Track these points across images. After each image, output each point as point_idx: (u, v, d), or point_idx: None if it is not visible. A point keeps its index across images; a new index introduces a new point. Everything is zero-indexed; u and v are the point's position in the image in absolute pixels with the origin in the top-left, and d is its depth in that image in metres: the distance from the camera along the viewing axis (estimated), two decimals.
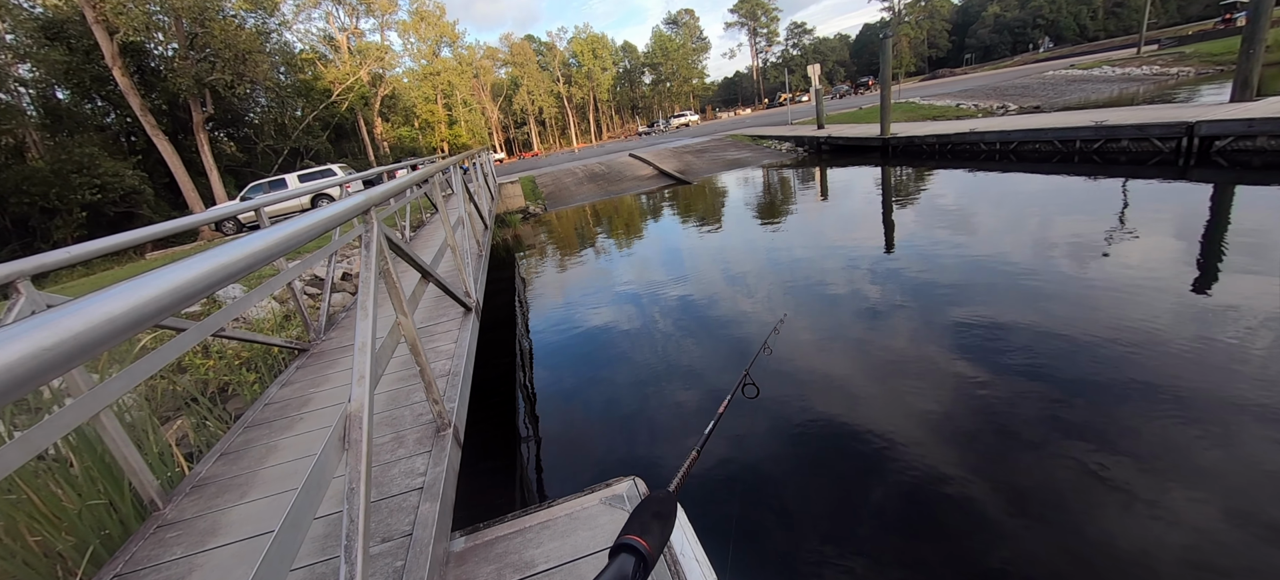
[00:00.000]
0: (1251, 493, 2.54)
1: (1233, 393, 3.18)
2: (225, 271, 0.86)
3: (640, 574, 0.41)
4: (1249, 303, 4.12)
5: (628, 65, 74.81)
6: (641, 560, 0.42)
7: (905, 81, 54.38)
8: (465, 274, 3.73)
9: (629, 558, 0.42)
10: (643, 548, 0.42)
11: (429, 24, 48.01)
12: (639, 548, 0.42)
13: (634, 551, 0.42)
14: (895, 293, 5.63)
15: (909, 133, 14.01)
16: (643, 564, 0.42)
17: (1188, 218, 6.38)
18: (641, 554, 0.42)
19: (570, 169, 21.90)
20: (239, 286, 5.95)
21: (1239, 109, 8.39)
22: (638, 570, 0.41)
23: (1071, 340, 4.05)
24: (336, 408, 2.74)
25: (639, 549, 0.42)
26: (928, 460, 3.11)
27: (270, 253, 1.06)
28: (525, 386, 5.38)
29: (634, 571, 0.41)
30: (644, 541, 0.43)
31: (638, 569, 0.41)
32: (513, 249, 12.35)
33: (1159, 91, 19.53)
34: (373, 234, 1.77)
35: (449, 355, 3.03)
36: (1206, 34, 33.22)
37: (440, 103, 49.40)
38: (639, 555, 0.42)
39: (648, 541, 0.43)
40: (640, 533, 0.44)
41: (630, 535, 0.44)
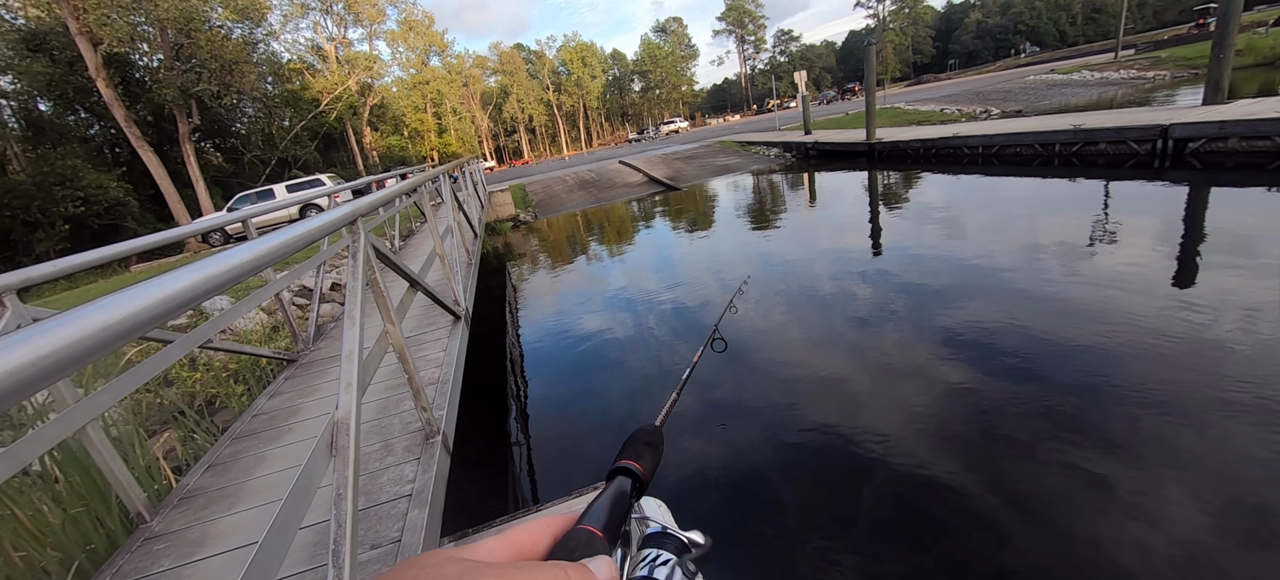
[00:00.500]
0: (1235, 483, 2.61)
1: (1215, 387, 3.26)
2: (211, 283, 0.89)
3: (636, 494, 0.43)
4: (1227, 300, 4.23)
5: (617, 73, 75.22)
6: (638, 481, 0.43)
7: (891, 87, 55.12)
8: (454, 282, 3.75)
9: (625, 479, 0.43)
10: (638, 470, 0.44)
11: (418, 33, 47.96)
12: (634, 470, 0.44)
13: (630, 474, 0.44)
14: (884, 294, 5.71)
15: (894, 137, 14.21)
16: (638, 484, 0.43)
17: (1165, 218, 6.54)
18: (637, 476, 0.44)
19: (561, 177, 21.94)
20: (226, 298, 5.92)
21: (1211, 111, 8.62)
22: (634, 490, 0.43)
23: (1055, 338, 4.14)
24: (325, 417, 2.74)
25: (634, 471, 0.44)
26: (922, 461, 3.16)
27: (257, 264, 1.08)
28: (516, 393, 5.39)
29: (631, 490, 0.42)
30: (639, 465, 0.44)
31: (634, 489, 0.43)
32: (504, 257, 12.34)
33: (1136, 95, 19.97)
34: (360, 244, 1.79)
35: (438, 363, 3.04)
36: (1181, 39, 34.02)
37: (430, 111, 49.33)
38: (635, 477, 0.43)
39: (642, 465, 0.45)
40: (634, 457, 0.46)
41: (625, 459, 0.45)
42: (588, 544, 0.33)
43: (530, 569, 0.26)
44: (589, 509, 0.38)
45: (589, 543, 0.33)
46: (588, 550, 0.32)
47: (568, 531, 0.34)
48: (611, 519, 0.37)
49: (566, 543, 0.33)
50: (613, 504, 0.39)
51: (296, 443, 2.56)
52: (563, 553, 0.32)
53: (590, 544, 0.33)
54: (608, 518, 0.37)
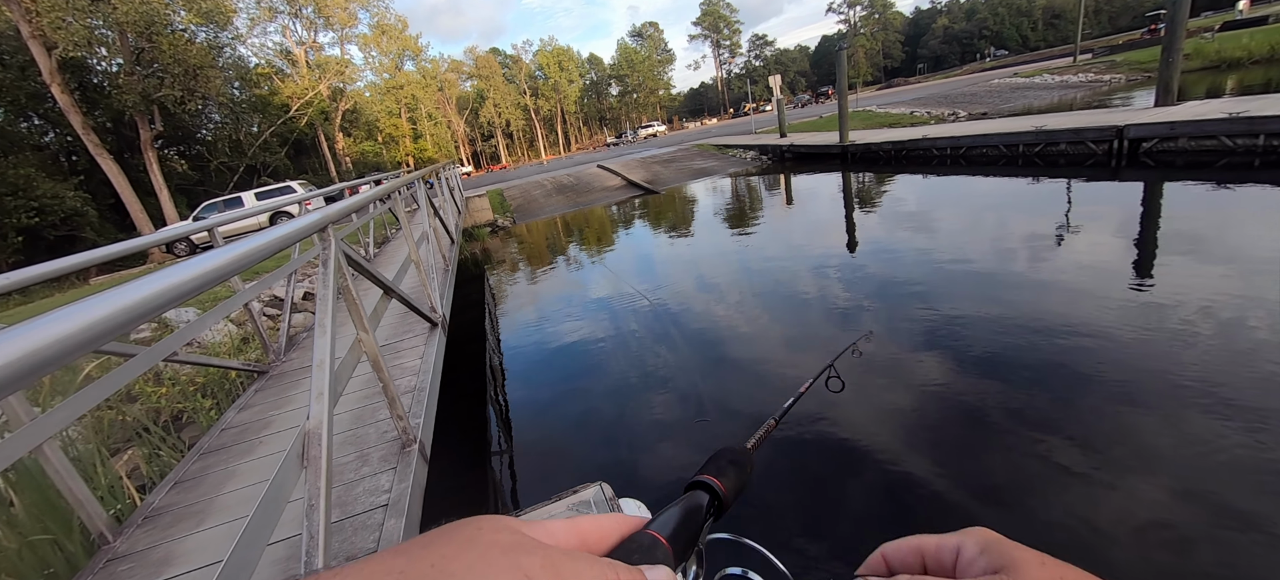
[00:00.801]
0: (1194, 466, 2.74)
1: (1172, 375, 3.42)
2: (174, 292, 0.87)
3: (712, 514, 0.39)
4: (1181, 292, 4.43)
5: (594, 77, 75.27)
6: (716, 499, 0.39)
7: (863, 90, 56.31)
8: (430, 289, 3.71)
9: (702, 494, 0.39)
10: (718, 487, 0.40)
11: (391, 38, 47.27)
12: (714, 487, 0.40)
13: (709, 490, 0.40)
14: (861, 292, 5.83)
15: (867, 139, 14.53)
16: (717, 503, 0.39)
17: (1123, 215, 6.82)
18: (717, 493, 0.39)
19: (539, 181, 21.84)
20: (192, 309, 5.74)
21: (1162, 113, 9.04)
22: (711, 508, 0.39)
23: (1027, 329, 4.28)
24: (298, 429, 2.69)
25: (714, 488, 0.40)
26: (903, 460, 3.24)
27: (222, 272, 1.06)
28: (497, 400, 5.34)
29: (707, 508, 0.38)
30: (720, 482, 0.40)
31: (711, 506, 0.39)
32: (482, 263, 12.22)
33: (1094, 97, 20.79)
34: (330, 252, 1.77)
35: (415, 371, 3.01)
36: (1135, 43, 35.54)
37: (404, 116, 48.66)
38: (714, 494, 0.39)
39: (724, 483, 0.40)
40: (716, 473, 0.41)
41: (706, 475, 0.41)
42: (649, 550, 0.30)
43: (579, 560, 0.25)
44: (658, 515, 0.35)
45: (651, 549, 0.31)
46: (649, 557, 0.30)
47: (633, 534, 0.32)
48: (680, 530, 0.34)
49: (628, 545, 0.31)
50: (684, 516, 0.36)
51: (268, 456, 2.50)
52: (622, 554, 0.30)
53: (652, 551, 0.30)
54: (676, 528, 0.34)
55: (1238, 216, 6.05)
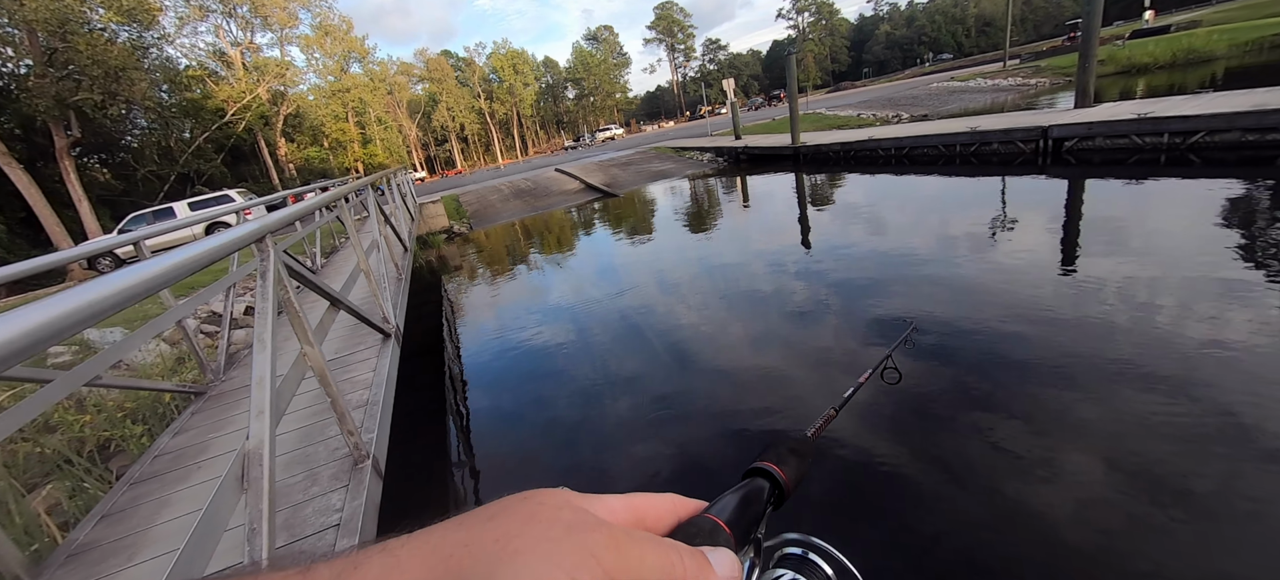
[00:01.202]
0: (1124, 439, 2.96)
1: (1098, 354, 3.69)
2: (92, 310, 0.82)
3: (773, 502, 0.36)
4: (1103, 277, 4.80)
5: (550, 80, 74.68)
6: (777, 487, 0.36)
7: (813, 94, 58.21)
8: (382, 299, 3.59)
9: (762, 481, 0.36)
10: (779, 475, 0.37)
11: (335, 39, 45.42)
12: (774, 474, 0.37)
13: (769, 476, 0.37)
14: (820, 285, 6.03)
15: (817, 141, 15.03)
16: (777, 491, 0.36)
17: (1050, 208, 7.32)
18: (777, 481, 0.36)
19: (495, 186, 21.46)
20: (118, 328, 5.34)
21: (1081, 114, 9.76)
22: (771, 495, 0.36)
23: (967, 321, 4.53)
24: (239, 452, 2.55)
25: (774, 475, 0.37)
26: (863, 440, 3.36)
27: (147, 286, 1.01)
28: (458, 410, 5.21)
29: (768, 496, 0.35)
30: (780, 470, 0.37)
31: (771, 494, 0.36)
32: (438, 270, 11.91)
33: (1022, 100, 22.22)
34: (269, 263, 1.69)
35: (367, 384, 2.90)
36: (1057, 50, 38.27)
37: (352, 121, 46.80)
38: (774, 481, 0.36)
39: (784, 471, 0.37)
40: (776, 461, 0.38)
41: (766, 461, 0.38)
42: (711, 535, 0.29)
43: (642, 540, 0.24)
44: (717, 500, 0.33)
45: (713, 534, 0.29)
46: (710, 541, 0.28)
47: (692, 518, 0.30)
48: (741, 517, 0.32)
49: (688, 528, 0.29)
50: (743, 502, 0.34)
51: (207, 482, 2.36)
52: (682, 537, 0.28)
53: (714, 535, 0.29)
54: (737, 514, 0.32)
55: (1147, 208, 6.60)
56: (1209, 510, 2.44)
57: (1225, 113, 7.48)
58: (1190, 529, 2.37)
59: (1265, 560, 2.19)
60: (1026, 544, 2.49)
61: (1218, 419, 2.91)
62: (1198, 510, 2.46)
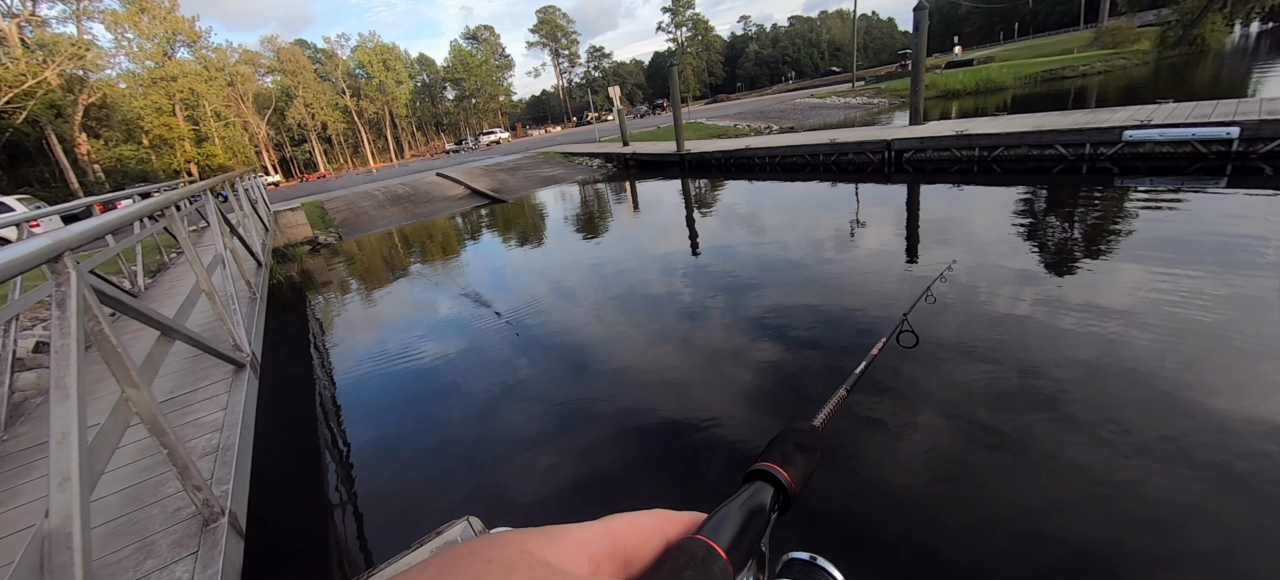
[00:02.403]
0: (954, 406, 3.45)
1: (937, 333, 4.29)
2: None
3: (779, 508, 0.33)
4: (939, 267, 5.60)
5: (426, 79, 70.23)
6: (781, 492, 0.33)
7: (693, 104, 61.36)
8: (232, 323, 3.07)
9: (766, 486, 0.33)
10: (783, 478, 0.33)
11: (154, 17, 38.48)
12: (778, 477, 0.33)
13: (773, 480, 0.33)
14: (711, 287, 6.30)
15: (701, 149, 15.83)
16: (782, 496, 0.33)
17: (897, 209, 8.42)
18: (782, 485, 0.33)
19: (368, 191, 19.60)
20: None
21: (914, 130, 11.39)
22: (776, 502, 0.33)
23: (831, 308, 5.02)
24: (31, 531, 2.00)
25: (779, 478, 0.33)
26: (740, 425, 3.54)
27: None
28: (332, 445, 4.63)
29: (772, 503, 0.32)
30: (784, 471, 0.34)
31: (776, 500, 0.33)
32: (303, 287, 10.55)
33: (868, 117, 25.43)
34: (70, 288, 1.34)
35: (216, 426, 2.45)
36: (893, 75, 44.50)
37: (181, 115, 39.91)
38: (779, 486, 0.33)
39: (789, 473, 0.34)
40: (780, 462, 0.35)
41: (768, 462, 0.35)
42: (704, 564, 0.25)
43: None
44: (712, 516, 0.29)
45: (706, 562, 0.25)
46: (703, 572, 0.24)
47: (682, 541, 0.26)
48: (741, 535, 0.28)
49: (677, 555, 0.25)
50: (745, 516, 0.30)
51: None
52: (670, 567, 0.25)
53: (707, 565, 0.25)
54: (736, 533, 0.28)
55: (967, 208, 7.88)
56: (1013, 452, 2.97)
57: (1017, 132, 9.20)
58: (997, 468, 2.85)
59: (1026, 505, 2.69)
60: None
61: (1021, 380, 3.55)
62: (1006, 452, 2.97)
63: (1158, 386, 3.28)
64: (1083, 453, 2.87)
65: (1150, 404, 3.14)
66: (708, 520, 0.29)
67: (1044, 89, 25.85)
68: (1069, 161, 8.68)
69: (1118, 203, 6.82)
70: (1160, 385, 3.29)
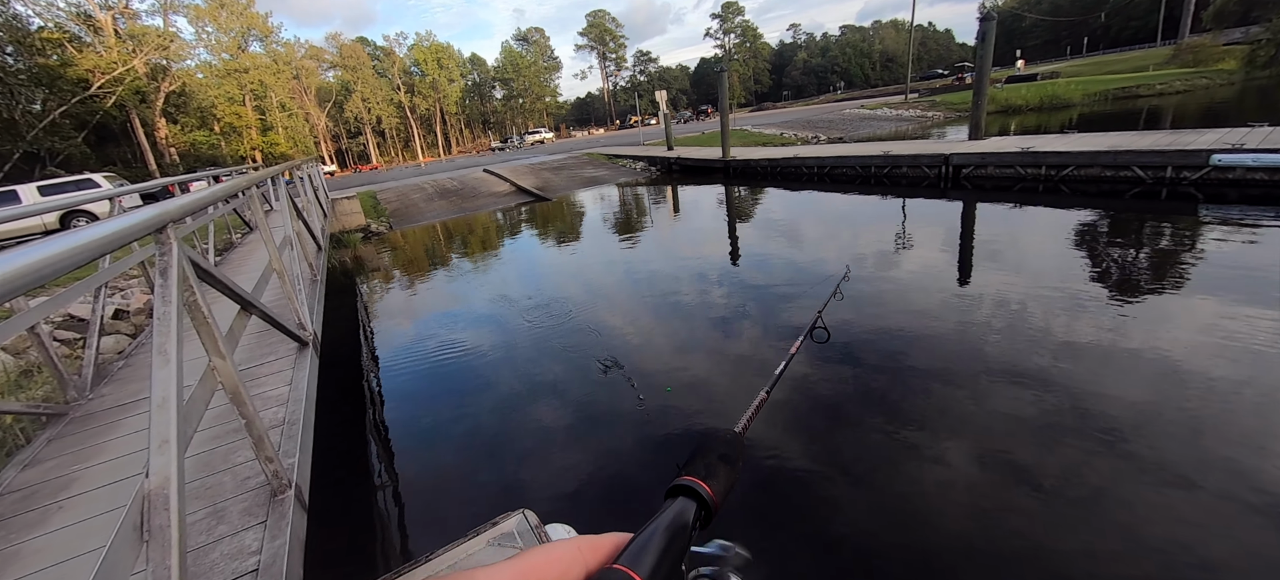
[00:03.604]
0: (1002, 437, 3.25)
1: (985, 360, 4.06)
2: None
3: (701, 523, 0.34)
4: (994, 290, 5.32)
5: (477, 78, 72.19)
6: (704, 507, 0.34)
7: (738, 111, 60.83)
8: (297, 302, 3.20)
9: (689, 502, 0.34)
10: (705, 492, 0.34)
11: (232, 12, 41.03)
12: (701, 492, 0.34)
13: (694, 495, 0.34)
14: (743, 295, 6.19)
15: (746, 156, 15.63)
16: (705, 511, 0.34)
17: (950, 227, 8.07)
18: (704, 500, 0.34)
19: (418, 184, 20.27)
20: None
21: (974, 145, 10.91)
22: (698, 518, 0.33)
23: (874, 327, 4.83)
24: (115, 487, 2.12)
25: (701, 493, 0.34)
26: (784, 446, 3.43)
27: (4, 290, 0.77)
28: (378, 428, 4.76)
29: (695, 519, 0.33)
30: (707, 486, 0.35)
31: (699, 516, 0.33)
32: (353, 273, 10.98)
33: (921, 130, 24.59)
34: (172, 257, 1.40)
35: (283, 401, 2.55)
36: (949, 88, 42.87)
37: (250, 105, 42.37)
38: (701, 501, 0.34)
39: (711, 486, 0.35)
40: (703, 476, 0.36)
41: (690, 477, 0.36)
42: None
43: None
44: (633, 541, 0.29)
45: None
46: None
47: (600, 572, 0.26)
48: (662, 559, 0.28)
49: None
50: (667, 539, 0.30)
51: (72, 526, 1.93)
52: None
53: None
54: (657, 558, 0.28)
55: (1028, 231, 7.46)
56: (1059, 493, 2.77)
57: (1089, 151, 8.67)
58: (1045, 509, 2.65)
59: (1101, 538, 2.48)
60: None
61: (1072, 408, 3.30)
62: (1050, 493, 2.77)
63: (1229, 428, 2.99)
64: (1156, 504, 2.64)
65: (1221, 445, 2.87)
66: (628, 546, 0.29)
67: (1114, 108, 24.38)
68: (1147, 185, 8.12)
69: (1201, 231, 6.32)
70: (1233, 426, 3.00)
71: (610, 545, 0.28)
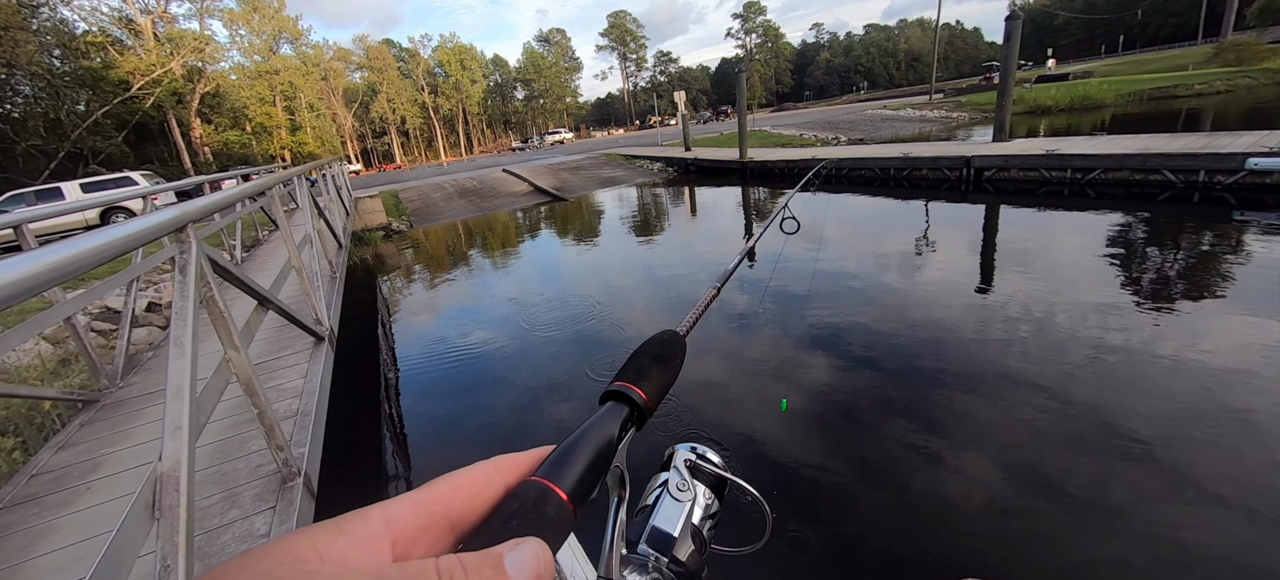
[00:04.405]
0: (1022, 446, 3.20)
1: (1006, 367, 3.99)
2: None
3: (631, 426, 0.33)
4: (1014, 297, 5.22)
5: (499, 79, 73.07)
6: (635, 411, 0.33)
7: (758, 112, 60.40)
8: (315, 299, 3.32)
9: (619, 406, 0.33)
10: (637, 396, 0.34)
11: (264, 16, 42.28)
12: (632, 396, 0.34)
13: (625, 400, 0.34)
14: (763, 299, 6.18)
15: (763, 157, 15.54)
16: (636, 415, 0.34)
17: (972, 231, 7.92)
18: (635, 404, 0.34)
19: (438, 183, 20.64)
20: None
21: (998, 147, 10.67)
22: (629, 422, 0.33)
23: (894, 334, 4.78)
24: (139, 471, 2.24)
25: (632, 397, 0.34)
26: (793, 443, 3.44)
27: (35, 283, 0.84)
28: (391, 419, 4.90)
29: (624, 425, 0.32)
30: (638, 389, 0.34)
31: (629, 421, 0.33)
32: (374, 269, 11.25)
33: (945, 131, 24.10)
34: (190, 255, 1.50)
35: (297, 393, 2.65)
36: (975, 88, 41.89)
37: (280, 105, 43.60)
38: (632, 405, 0.33)
39: (644, 389, 0.34)
40: (635, 378, 0.35)
41: (622, 381, 0.35)
42: (536, 506, 0.23)
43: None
44: (552, 453, 0.28)
45: (538, 504, 0.24)
46: (535, 514, 0.23)
47: (515, 488, 0.25)
48: (586, 466, 0.27)
49: (507, 505, 0.24)
50: (591, 445, 0.29)
51: (98, 506, 2.05)
52: (498, 518, 0.23)
53: (539, 507, 0.24)
54: (579, 466, 0.27)
55: (1052, 236, 7.28)
56: (1084, 501, 2.71)
57: (1117, 154, 8.41)
58: (1069, 518, 2.60)
59: (1131, 545, 2.42)
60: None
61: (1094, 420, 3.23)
62: (1074, 501, 2.72)
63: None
64: (1187, 523, 2.58)
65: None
66: (547, 459, 0.27)
67: (1150, 109, 23.54)
68: (1178, 189, 7.85)
69: (1236, 238, 6.09)
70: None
71: (531, 460, 0.26)
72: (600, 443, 0.29)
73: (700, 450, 0.43)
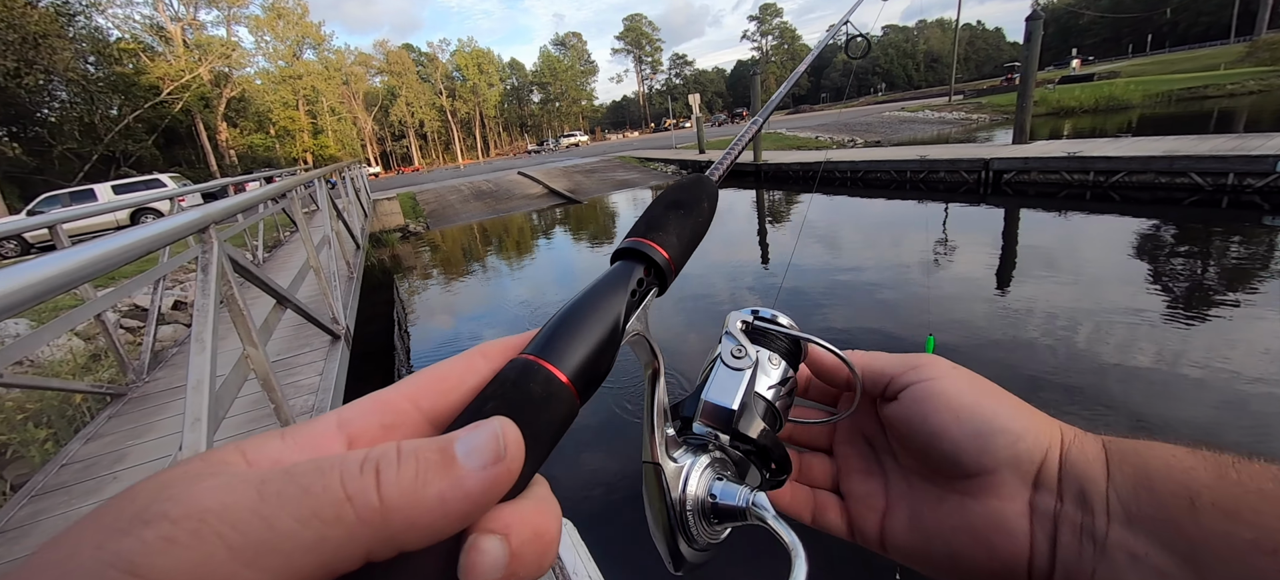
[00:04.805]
0: None
1: (1028, 369, 3.92)
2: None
3: (650, 286, 0.28)
4: (1035, 301, 5.13)
5: (515, 82, 73.86)
6: (653, 269, 0.28)
7: (774, 114, 59.97)
8: (332, 298, 3.40)
9: (629, 266, 0.28)
10: (652, 251, 0.28)
11: (288, 22, 43.34)
12: (645, 250, 0.28)
13: (637, 255, 0.28)
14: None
15: (778, 160, 15.47)
16: (654, 273, 0.28)
17: (990, 234, 7.79)
18: (651, 260, 0.28)
19: (455, 186, 20.93)
20: (23, 321, 4.83)
21: (1018, 149, 10.47)
22: (647, 282, 0.27)
23: (912, 335, 4.73)
24: (161, 462, 2.33)
25: (645, 252, 0.28)
26: None
27: (67, 279, 0.89)
28: None
29: (640, 285, 0.27)
30: (652, 242, 0.29)
31: (647, 280, 0.27)
32: (391, 270, 11.44)
33: (965, 133, 23.71)
34: (212, 255, 1.56)
35: (313, 389, 2.73)
36: (996, 89, 41.15)
37: (303, 109, 44.64)
38: (649, 263, 0.28)
39: (658, 241, 0.29)
40: (646, 230, 0.30)
41: (639, 237, 0.29)
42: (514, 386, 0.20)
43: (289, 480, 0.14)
44: (545, 325, 0.23)
45: (517, 384, 0.20)
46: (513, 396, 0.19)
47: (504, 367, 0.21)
48: (591, 341, 0.23)
49: (485, 391, 0.20)
50: (596, 315, 0.24)
51: None
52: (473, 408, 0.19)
53: (518, 387, 0.20)
54: (582, 340, 0.22)
55: (1074, 240, 7.13)
56: None
57: (1142, 156, 8.21)
58: None
59: None
60: None
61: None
62: None
63: None
64: None
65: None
66: (539, 332, 0.23)
67: (1179, 110, 22.90)
68: (1206, 192, 7.63)
69: (1267, 242, 5.91)
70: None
71: (523, 340, 0.23)
72: (604, 308, 0.24)
73: (763, 312, 0.36)
